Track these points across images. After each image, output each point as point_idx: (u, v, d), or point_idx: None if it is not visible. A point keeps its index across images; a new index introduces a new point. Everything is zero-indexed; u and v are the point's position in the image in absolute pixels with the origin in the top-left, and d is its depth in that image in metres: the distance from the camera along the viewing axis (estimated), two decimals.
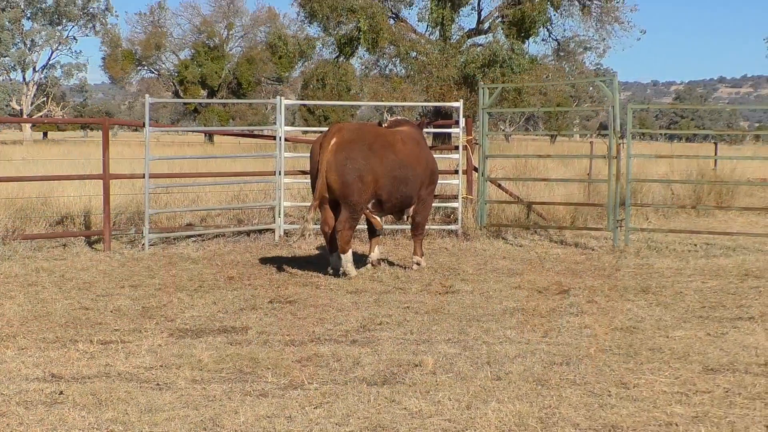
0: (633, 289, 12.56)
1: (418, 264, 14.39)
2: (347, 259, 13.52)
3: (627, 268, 14.41)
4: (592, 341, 9.40)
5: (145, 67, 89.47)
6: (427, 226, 17.69)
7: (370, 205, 13.81)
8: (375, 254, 14.55)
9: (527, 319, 10.51)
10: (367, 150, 13.34)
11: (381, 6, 47.69)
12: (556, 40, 52.77)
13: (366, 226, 14.66)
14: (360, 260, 14.51)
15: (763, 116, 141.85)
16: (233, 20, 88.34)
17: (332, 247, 13.77)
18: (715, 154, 33.53)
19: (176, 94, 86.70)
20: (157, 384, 7.78)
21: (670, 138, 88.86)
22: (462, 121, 18.48)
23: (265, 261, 15.06)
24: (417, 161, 14.02)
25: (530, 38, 49.54)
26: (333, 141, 13.31)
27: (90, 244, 16.67)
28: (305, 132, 41.35)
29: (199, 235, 17.59)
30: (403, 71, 49.68)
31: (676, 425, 6.76)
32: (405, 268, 14.36)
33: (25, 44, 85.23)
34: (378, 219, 14.24)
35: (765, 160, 26.75)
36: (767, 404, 7.20)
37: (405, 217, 14.59)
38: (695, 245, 17.09)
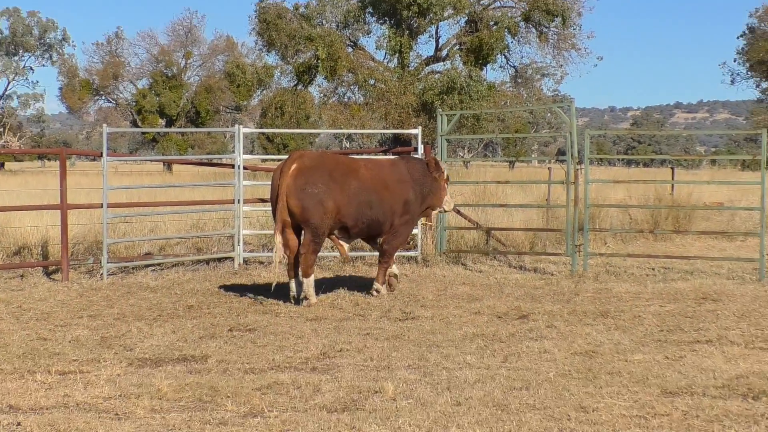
0: (592, 313, 12.62)
1: (377, 291, 14.39)
2: (309, 283, 13.51)
3: (586, 293, 14.47)
4: (552, 366, 9.43)
5: (103, 97, 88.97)
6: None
7: (336, 232, 13.83)
8: (393, 270, 14.74)
9: (487, 345, 10.54)
10: (328, 176, 13.37)
11: (339, 34, 47.81)
12: (514, 66, 53.02)
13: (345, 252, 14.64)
14: (322, 286, 14.48)
15: (719, 141, 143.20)
16: (191, 49, 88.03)
17: (293, 272, 13.76)
18: (672, 178, 33.73)
19: (134, 124, 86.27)
20: (116, 414, 7.74)
21: (628, 163, 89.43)
22: (420, 148, 18.51)
23: (224, 289, 15.01)
24: (383, 186, 14.03)
25: (488, 65, 49.79)
26: (294, 167, 13.34)
27: (48, 274, 16.57)
28: (264, 160, 41.29)
29: (158, 264, 17.52)
30: (362, 99, 49.79)
31: None
32: (365, 294, 14.35)
33: None
34: (344, 246, 14.23)
35: (721, 185, 26.96)
36: (725, 426, 7.25)
37: (377, 244, 14.62)
38: (653, 269, 17.20)
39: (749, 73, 73.80)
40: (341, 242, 14.18)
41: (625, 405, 7.88)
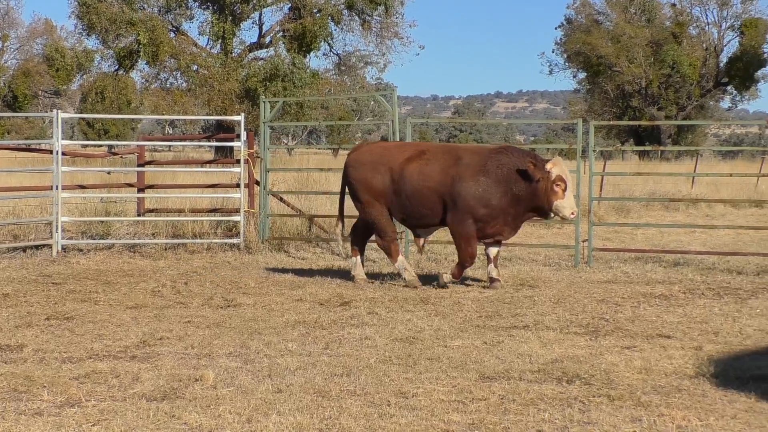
0: (413, 299, 12.75)
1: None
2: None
3: (403, 280, 14.58)
4: (373, 352, 9.50)
5: None
6: (208, 240, 17.62)
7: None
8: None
9: (309, 332, 10.56)
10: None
11: (161, 19, 47.28)
12: (338, 54, 53.26)
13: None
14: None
15: (538, 130, 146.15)
16: (8, 32, 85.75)
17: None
18: None
19: None
20: None
21: None
22: (243, 135, 18.41)
23: (42, 277, 14.70)
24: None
25: (312, 52, 49.91)
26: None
27: None
28: (85, 146, 40.50)
29: None
30: (185, 85, 49.33)
31: None
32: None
33: None
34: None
35: None
36: (540, 410, 7.41)
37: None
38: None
39: (567, 63, 75.55)
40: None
41: (444, 390, 7.98)
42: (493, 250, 14.09)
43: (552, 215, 13.95)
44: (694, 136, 77.08)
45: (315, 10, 48.87)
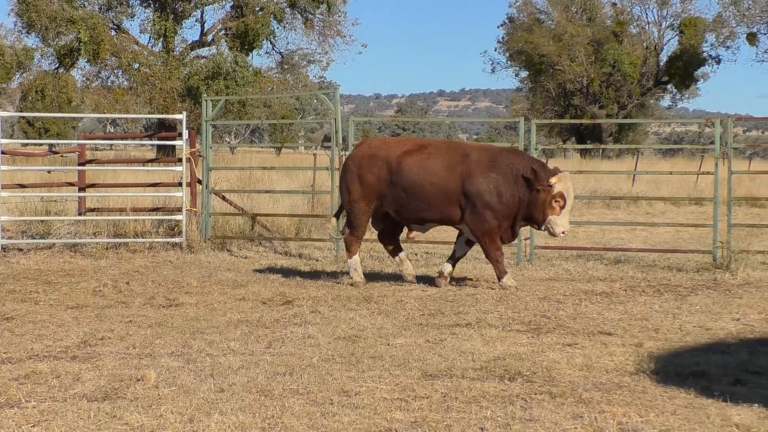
0: (355, 298, 12.76)
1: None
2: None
3: (350, 278, 14.59)
4: (316, 351, 9.49)
5: None
6: (150, 239, 17.53)
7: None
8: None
9: (251, 331, 10.53)
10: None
11: (102, 17, 46.94)
12: (280, 53, 53.18)
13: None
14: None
15: (480, 128, 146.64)
16: None
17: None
18: None
19: None
20: None
21: None
22: (185, 134, 18.32)
23: None
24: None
25: (254, 51, 49.78)
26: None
27: None
28: (25, 145, 40.12)
29: None
30: (126, 83, 49.03)
31: (396, 431, 6.91)
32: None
33: None
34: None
35: None
36: (482, 407, 7.43)
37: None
38: (416, 254, 17.52)
39: (509, 62, 75.85)
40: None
41: (386, 388, 7.99)
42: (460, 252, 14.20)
43: (543, 228, 13.77)
44: (635, 135, 77.72)
45: (257, 8, 48.75)
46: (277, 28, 50.71)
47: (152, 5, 48.45)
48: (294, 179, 29.40)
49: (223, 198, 19.66)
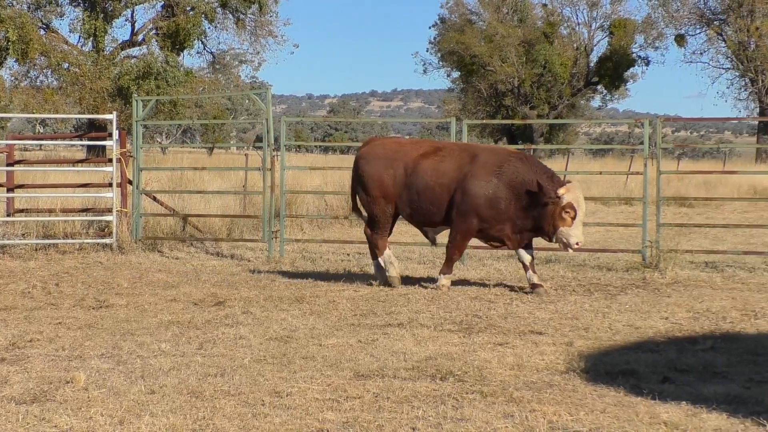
0: (288, 298, 12.73)
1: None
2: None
3: (282, 279, 14.59)
4: (247, 351, 9.46)
5: None
6: (79, 240, 17.38)
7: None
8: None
9: (183, 332, 10.47)
10: None
11: (31, 16, 46.43)
12: (212, 52, 52.99)
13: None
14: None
15: (413, 129, 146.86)
16: None
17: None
18: None
19: None
20: None
21: (325, 150, 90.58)
22: (116, 134, 18.19)
23: None
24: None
25: (185, 51, 49.53)
26: None
27: None
28: None
29: None
30: (56, 83, 48.54)
31: (328, 431, 6.91)
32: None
33: None
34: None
35: None
36: (414, 407, 7.45)
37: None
38: (348, 255, 17.52)
39: (441, 63, 76.09)
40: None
41: (318, 389, 7.98)
42: (526, 257, 13.77)
43: (554, 240, 13.57)
44: (565, 135, 78.29)
45: (188, 8, 48.50)
46: (209, 27, 50.53)
47: (82, 4, 48.03)
48: (226, 180, 29.26)
49: (154, 198, 19.54)
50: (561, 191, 13.12)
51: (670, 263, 15.53)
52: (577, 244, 13.41)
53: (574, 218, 13.27)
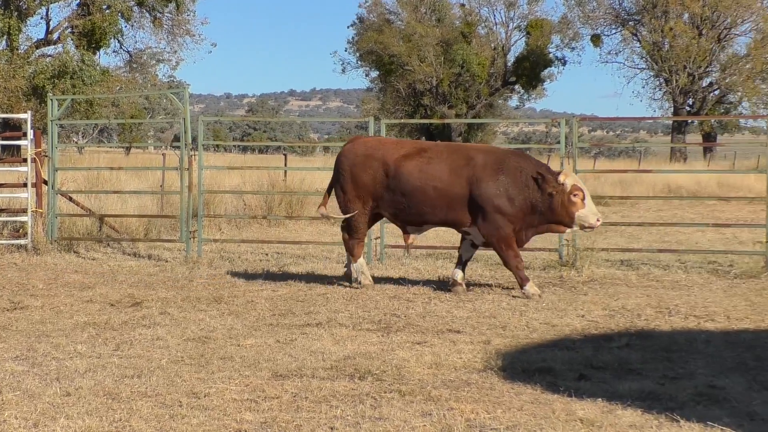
0: (206, 299, 12.67)
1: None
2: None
3: (200, 279, 14.53)
4: (165, 352, 9.41)
5: None
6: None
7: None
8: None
9: (99, 333, 10.38)
10: None
11: None
12: (128, 51, 52.52)
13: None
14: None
15: (331, 128, 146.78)
16: None
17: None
18: (285, 165, 34.39)
19: None
20: None
21: (243, 149, 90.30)
22: (31, 133, 17.98)
23: None
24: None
25: (101, 49, 49.03)
26: None
27: None
28: None
29: None
30: None
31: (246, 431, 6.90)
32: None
33: None
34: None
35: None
36: (332, 406, 7.46)
37: None
38: (266, 254, 17.49)
39: (359, 62, 76.16)
40: None
41: (236, 389, 7.96)
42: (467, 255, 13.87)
43: (575, 227, 13.55)
44: (483, 134, 78.65)
45: (104, 6, 48.00)
46: (125, 26, 50.09)
47: None
48: (143, 179, 29.03)
49: (70, 199, 19.34)
50: (561, 178, 13.22)
51: (587, 261, 15.70)
52: (598, 220, 13.49)
53: (583, 199, 13.36)
